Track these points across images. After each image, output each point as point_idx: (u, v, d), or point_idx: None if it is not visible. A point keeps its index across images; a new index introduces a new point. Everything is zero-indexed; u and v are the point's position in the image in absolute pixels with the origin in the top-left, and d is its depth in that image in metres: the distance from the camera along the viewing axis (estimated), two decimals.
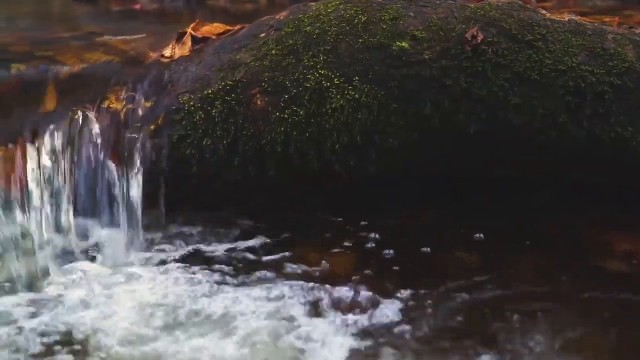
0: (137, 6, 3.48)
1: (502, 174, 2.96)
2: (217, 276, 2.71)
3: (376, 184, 2.94)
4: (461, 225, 2.90)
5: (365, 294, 2.62)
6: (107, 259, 2.80)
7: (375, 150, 2.86)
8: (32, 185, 2.81)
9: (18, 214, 2.79)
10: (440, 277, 2.69)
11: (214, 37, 3.05)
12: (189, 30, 3.05)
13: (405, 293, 2.61)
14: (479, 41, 2.83)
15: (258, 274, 2.73)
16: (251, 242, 2.87)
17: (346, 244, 2.86)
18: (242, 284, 2.68)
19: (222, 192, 2.93)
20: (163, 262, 2.79)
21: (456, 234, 2.87)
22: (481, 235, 2.85)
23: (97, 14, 3.45)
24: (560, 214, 2.96)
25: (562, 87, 2.83)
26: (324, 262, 2.76)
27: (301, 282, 2.67)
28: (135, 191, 2.83)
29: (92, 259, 2.80)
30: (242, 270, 2.75)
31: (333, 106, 2.83)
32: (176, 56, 3.00)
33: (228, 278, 2.71)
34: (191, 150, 2.86)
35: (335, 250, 2.83)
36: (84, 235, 2.85)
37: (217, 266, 2.76)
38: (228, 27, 3.07)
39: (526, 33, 2.85)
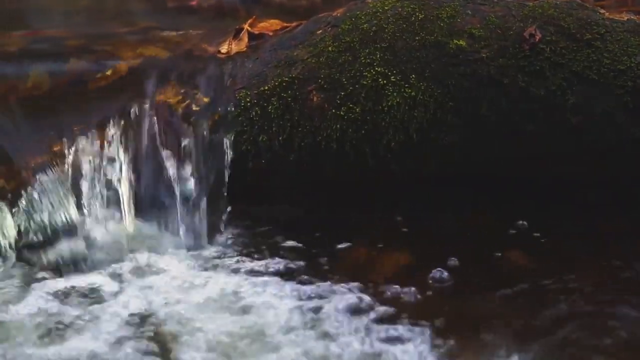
0: (194, 2, 3.49)
1: (556, 174, 2.94)
2: (268, 271, 2.73)
3: (431, 182, 2.93)
4: (517, 225, 2.88)
5: (417, 293, 2.61)
6: (163, 253, 2.82)
7: (431, 148, 2.86)
8: (87, 178, 2.83)
9: (73, 206, 2.81)
10: (496, 278, 2.68)
11: (270, 33, 3.06)
12: (246, 26, 3.06)
13: (459, 294, 2.61)
14: (537, 40, 2.81)
15: (310, 269, 2.73)
16: (305, 238, 2.87)
17: (400, 242, 2.85)
18: (292, 279, 2.69)
19: (277, 188, 2.94)
20: (218, 257, 2.80)
21: (512, 234, 2.86)
22: (538, 234, 2.84)
23: (153, 10, 3.46)
24: (614, 215, 2.93)
25: (620, 87, 2.81)
26: (377, 260, 2.77)
27: (352, 280, 2.67)
28: (192, 187, 2.85)
29: (150, 253, 2.81)
30: (293, 265, 2.75)
31: (389, 104, 2.83)
32: (233, 52, 3.01)
33: (279, 273, 2.72)
34: (247, 146, 2.87)
35: (389, 248, 2.83)
36: (140, 229, 2.86)
37: (270, 261, 2.77)
38: (284, 24, 3.08)
39: (585, 32, 2.84)
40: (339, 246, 2.84)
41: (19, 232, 2.76)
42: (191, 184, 2.85)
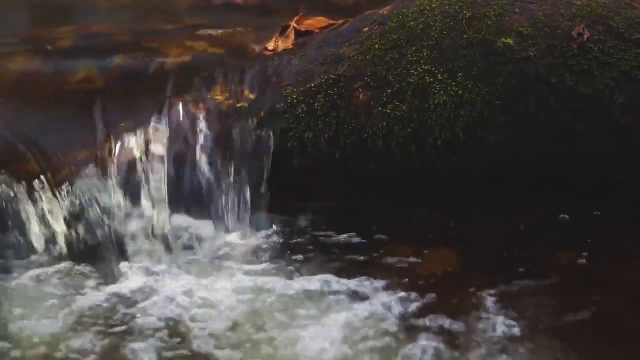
0: (239, 0, 3.50)
1: (605, 173, 2.92)
2: (311, 267, 2.74)
3: (476, 181, 2.92)
4: (563, 225, 2.86)
5: (459, 292, 2.61)
6: (205, 248, 2.83)
7: (478, 147, 2.85)
8: (133, 173, 2.85)
9: (118, 201, 2.83)
10: (541, 277, 2.67)
11: (317, 31, 3.06)
12: (293, 23, 3.07)
13: (502, 294, 2.60)
14: (585, 39, 2.80)
15: (354, 266, 2.73)
16: (348, 235, 2.87)
17: (444, 241, 2.85)
18: (336, 275, 2.69)
19: (322, 185, 2.94)
20: (261, 253, 2.81)
21: (558, 234, 2.84)
22: (585, 234, 2.83)
23: (199, 7, 3.48)
24: None
25: None
26: (420, 258, 2.76)
27: (397, 278, 2.67)
28: (237, 183, 2.86)
29: (191, 249, 2.83)
30: (336, 262, 2.76)
31: (436, 102, 2.82)
32: (279, 49, 3.02)
33: (322, 268, 2.73)
34: (293, 143, 2.88)
35: (433, 247, 2.82)
36: (183, 224, 2.87)
37: (312, 256, 2.79)
38: (331, 21, 3.09)
39: (633, 32, 2.82)
40: (384, 244, 2.84)
41: (66, 224, 2.79)
42: (236, 180, 2.86)
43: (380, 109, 2.84)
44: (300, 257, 2.78)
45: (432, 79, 2.83)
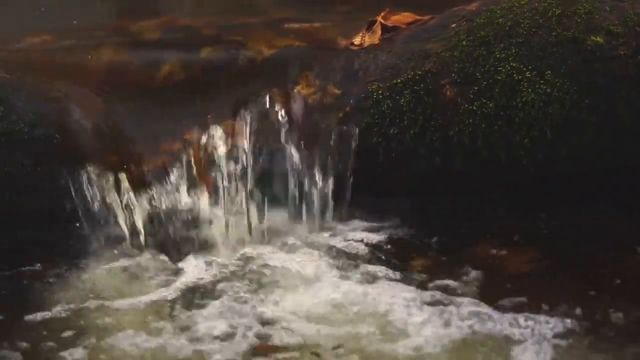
0: None
1: None
2: (386, 262, 2.74)
3: (557, 178, 2.89)
4: None
5: (536, 290, 2.59)
6: (287, 240, 2.85)
7: (565, 146, 2.82)
8: (217, 166, 2.87)
9: (202, 193, 2.86)
10: (620, 277, 2.63)
11: (403, 26, 3.05)
12: (379, 19, 3.06)
13: (581, 295, 2.57)
14: None
15: (430, 264, 2.73)
16: (427, 232, 2.87)
17: (522, 238, 2.83)
18: (413, 271, 2.70)
19: (406, 181, 2.93)
20: (336, 246, 2.82)
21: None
22: None
23: (284, 1, 3.50)
24: None
25: None
26: (499, 255, 2.75)
27: (480, 275, 2.66)
28: (320, 176, 2.86)
29: (268, 241, 2.85)
30: (414, 259, 2.76)
31: (524, 100, 2.80)
32: (366, 44, 3.02)
33: (399, 265, 2.73)
34: (378, 138, 2.87)
35: (511, 244, 2.80)
36: (265, 216, 2.89)
37: (388, 249, 2.79)
38: (418, 17, 3.07)
39: None
40: (466, 241, 2.83)
41: (149, 216, 2.82)
42: (317, 174, 2.87)
43: (467, 105, 2.83)
44: (373, 249, 2.79)
45: (520, 76, 2.81)
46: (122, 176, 2.82)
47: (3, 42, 3.19)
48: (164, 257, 2.80)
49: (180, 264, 2.77)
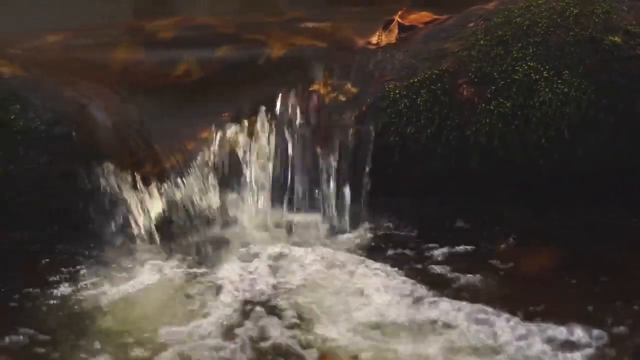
0: None
1: None
2: (399, 262, 2.72)
3: (569, 178, 2.88)
4: None
5: (551, 292, 2.58)
6: (305, 240, 2.84)
7: (582, 145, 2.81)
8: (233, 165, 2.87)
9: (217, 192, 2.86)
10: (633, 277, 2.62)
11: (420, 25, 3.05)
12: (396, 18, 3.06)
13: (593, 295, 2.55)
14: None
15: (445, 264, 2.72)
16: (439, 232, 2.86)
17: (535, 238, 2.82)
18: (423, 273, 2.68)
19: (422, 181, 2.92)
20: (354, 246, 2.81)
21: None
22: None
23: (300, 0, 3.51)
24: None
25: None
26: (511, 256, 2.73)
27: (485, 276, 2.65)
28: (336, 175, 2.86)
29: (286, 239, 2.84)
30: (426, 260, 2.74)
31: (541, 99, 2.80)
32: (383, 43, 3.02)
33: (410, 266, 2.71)
34: (394, 137, 2.87)
35: (524, 245, 2.79)
36: (282, 216, 2.89)
37: (403, 251, 2.78)
38: (435, 16, 3.07)
39: None
40: (481, 240, 2.81)
41: (164, 214, 2.82)
42: (333, 173, 2.87)
43: (484, 105, 2.82)
44: (384, 253, 2.78)
45: (537, 76, 2.80)
46: (139, 175, 2.82)
47: (20, 40, 3.20)
48: (192, 264, 2.74)
49: (214, 274, 2.69)
